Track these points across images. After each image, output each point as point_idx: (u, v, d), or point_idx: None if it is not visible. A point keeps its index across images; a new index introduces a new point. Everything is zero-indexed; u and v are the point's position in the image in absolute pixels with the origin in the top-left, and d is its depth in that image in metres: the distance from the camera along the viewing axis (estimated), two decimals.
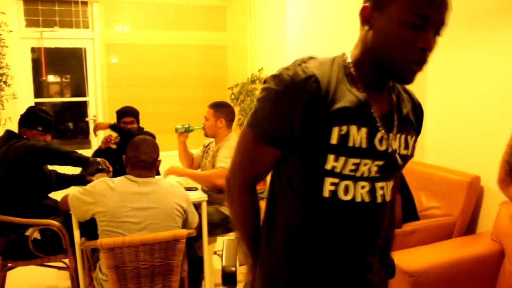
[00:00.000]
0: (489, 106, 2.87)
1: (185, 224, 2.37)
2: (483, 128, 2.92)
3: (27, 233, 2.67)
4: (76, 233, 2.53)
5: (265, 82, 1.12)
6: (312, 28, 4.33)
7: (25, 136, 2.85)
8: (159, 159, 2.39)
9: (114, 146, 3.40)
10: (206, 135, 3.33)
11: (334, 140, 1.03)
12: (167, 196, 2.25)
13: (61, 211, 2.82)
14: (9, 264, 2.75)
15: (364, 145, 1.06)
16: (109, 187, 2.17)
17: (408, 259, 2.32)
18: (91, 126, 4.97)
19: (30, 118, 2.88)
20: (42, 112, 2.94)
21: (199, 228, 2.55)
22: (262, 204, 4.34)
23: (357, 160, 1.06)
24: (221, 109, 3.24)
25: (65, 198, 2.34)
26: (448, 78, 3.17)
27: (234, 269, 1.84)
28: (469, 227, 2.95)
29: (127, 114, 3.63)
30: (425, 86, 3.38)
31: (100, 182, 2.21)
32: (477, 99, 2.95)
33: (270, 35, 5.02)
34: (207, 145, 3.45)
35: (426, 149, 3.41)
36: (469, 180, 2.83)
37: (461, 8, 3.01)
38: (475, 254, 2.40)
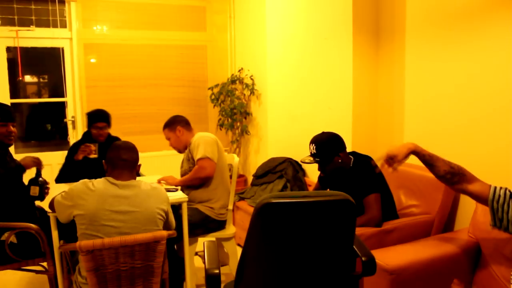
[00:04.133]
0: (466, 106, 2.92)
1: (165, 226, 2.36)
2: (461, 127, 2.98)
3: (3, 237, 2.62)
4: (55, 235, 2.49)
5: None
6: (292, 29, 4.35)
7: None
8: (139, 163, 2.37)
9: (95, 156, 3.33)
10: (180, 151, 3.39)
11: None
12: (149, 199, 2.22)
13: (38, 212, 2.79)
14: None
15: None
16: (89, 189, 2.14)
17: (388, 257, 2.34)
18: (70, 127, 4.90)
19: None
20: None
21: (175, 226, 2.53)
22: (243, 205, 4.34)
23: None
24: (171, 122, 3.36)
25: (51, 202, 2.31)
26: (426, 77, 3.21)
27: (217, 271, 1.84)
28: (447, 225, 3.00)
29: (99, 119, 3.52)
30: (403, 86, 3.43)
31: (80, 184, 2.17)
32: (455, 99, 3.00)
33: (250, 35, 5.03)
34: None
35: None
36: None
37: (437, 8, 3.06)
38: (453, 251, 2.44)
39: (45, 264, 2.73)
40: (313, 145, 2.76)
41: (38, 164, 2.86)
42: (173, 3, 5.17)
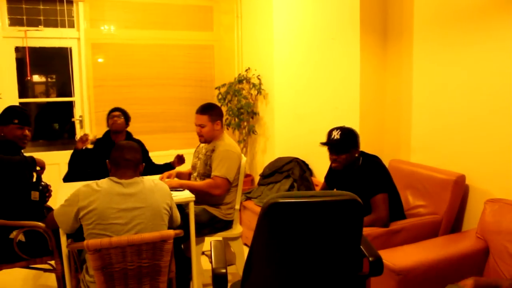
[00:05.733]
0: (474, 106, 2.90)
1: (170, 221, 2.36)
2: (469, 127, 2.96)
3: (12, 235, 2.64)
4: (62, 234, 2.50)
5: None
6: (299, 28, 4.34)
7: (2, 134, 2.87)
8: (142, 163, 2.37)
9: (91, 146, 3.37)
10: (205, 142, 3.24)
11: None
12: (153, 194, 2.24)
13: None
14: None
15: None
16: (93, 190, 2.14)
17: (395, 257, 2.33)
18: (78, 126, 4.92)
19: (5, 114, 2.92)
20: (18, 107, 3.01)
21: (182, 226, 2.53)
22: (250, 205, 4.33)
23: None
24: (215, 112, 3.20)
25: (50, 217, 2.30)
26: (434, 77, 3.20)
27: (224, 271, 1.84)
28: (455, 225, 2.99)
29: (115, 109, 3.71)
30: (411, 86, 3.41)
31: (83, 187, 2.18)
32: (462, 99, 2.98)
33: (257, 35, 5.03)
34: (198, 146, 3.42)
35: (412, 148, 3.44)
36: (454, 178, 2.86)
37: (446, 7, 3.04)
38: (460, 252, 2.43)
39: (53, 262, 2.75)
40: (338, 130, 2.79)
41: (42, 166, 2.88)
42: (180, 3, 5.18)
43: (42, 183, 2.89)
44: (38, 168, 2.87)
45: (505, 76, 2.67)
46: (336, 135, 2.79)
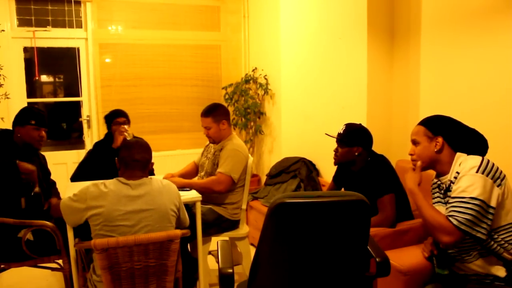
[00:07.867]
0: (482, 106, 2.88)
1: (178, 222, 2.36)
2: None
3: (20, 234, 2.65)
4: (70, 233, 2.51)
5: None
6: (306, 28, 4.33)
7: (19, 135, 2.86)
8: (152, 161, 2.37)
9: (130, 137, 3.32)
10: (214, 142, 3.25)
11: None
12: (161, 196, 2.23)
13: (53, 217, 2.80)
14: (2, 266, 2.74)
15: None
16: (102, 191, 2.15)
17: (403, 257, 2.32)
18: (85, 126, 4.95)
19: (22, 114, 2.91)
20: (35, 108, 3.01)
21: (189, 225, 2.52)
22: (257, 204, 4.31)
23: None
24: (218, 112, 3.20)
25: (57, 206, 2.30)
26: (441, 77, 3.18)
27: (231, 270, 1.84)
28: None
29: (119, 114, 3.52)
30: (418, 86, 3.40)
31: (91, 186, 2.18)
32: (470, 99, 2.96)
33: (264, 35, 5.02)
34: (207, 145, 3.42)
35: None
36: None
37: (454, 7, 3.03)
38: None
39: (60, 261, 2.76)
40: (344, 126, 2.82)
41: (25, 172, 2.66)
42: (188, 3, 5.19)
43: (36, 189, 2.72)
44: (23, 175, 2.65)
45: None
46: (341, 130, 2.81)
